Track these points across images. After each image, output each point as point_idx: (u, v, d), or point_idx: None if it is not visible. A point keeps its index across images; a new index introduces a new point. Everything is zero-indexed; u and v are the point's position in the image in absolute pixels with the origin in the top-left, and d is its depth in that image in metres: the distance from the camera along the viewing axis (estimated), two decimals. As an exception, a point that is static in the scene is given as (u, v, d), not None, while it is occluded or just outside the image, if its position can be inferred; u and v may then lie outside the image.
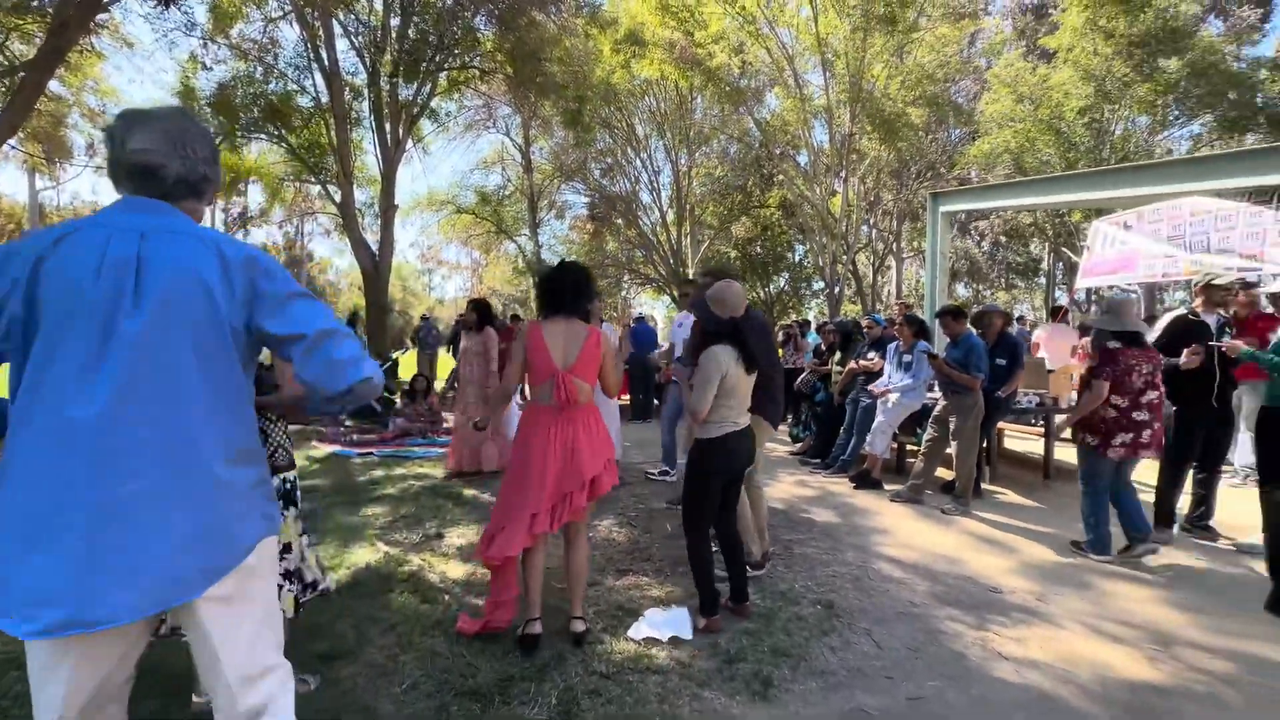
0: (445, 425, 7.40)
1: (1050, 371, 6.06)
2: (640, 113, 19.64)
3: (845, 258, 18.16)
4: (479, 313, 5.56)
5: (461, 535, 3.91)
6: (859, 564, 3.57)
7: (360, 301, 16.52)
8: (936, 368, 4.82)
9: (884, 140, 16.51)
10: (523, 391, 4.66)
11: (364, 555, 3.56)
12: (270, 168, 18.01)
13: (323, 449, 6.63)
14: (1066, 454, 5.91)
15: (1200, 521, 4.09)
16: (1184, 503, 4.15)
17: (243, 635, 1.20)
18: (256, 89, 13.36)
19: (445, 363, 11.75)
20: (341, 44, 12.60)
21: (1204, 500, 4.09)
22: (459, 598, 3.00)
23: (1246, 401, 5.00)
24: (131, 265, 1.09)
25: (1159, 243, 6.04)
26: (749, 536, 3.25)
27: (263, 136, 14.46)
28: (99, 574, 1.04)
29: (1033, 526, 4.30)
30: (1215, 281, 4.20)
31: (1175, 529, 4.04)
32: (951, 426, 4.71)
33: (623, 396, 11.38)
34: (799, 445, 6.94)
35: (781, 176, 19.56)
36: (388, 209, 13.32)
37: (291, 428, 2.26)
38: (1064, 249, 20.53)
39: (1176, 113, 16.81)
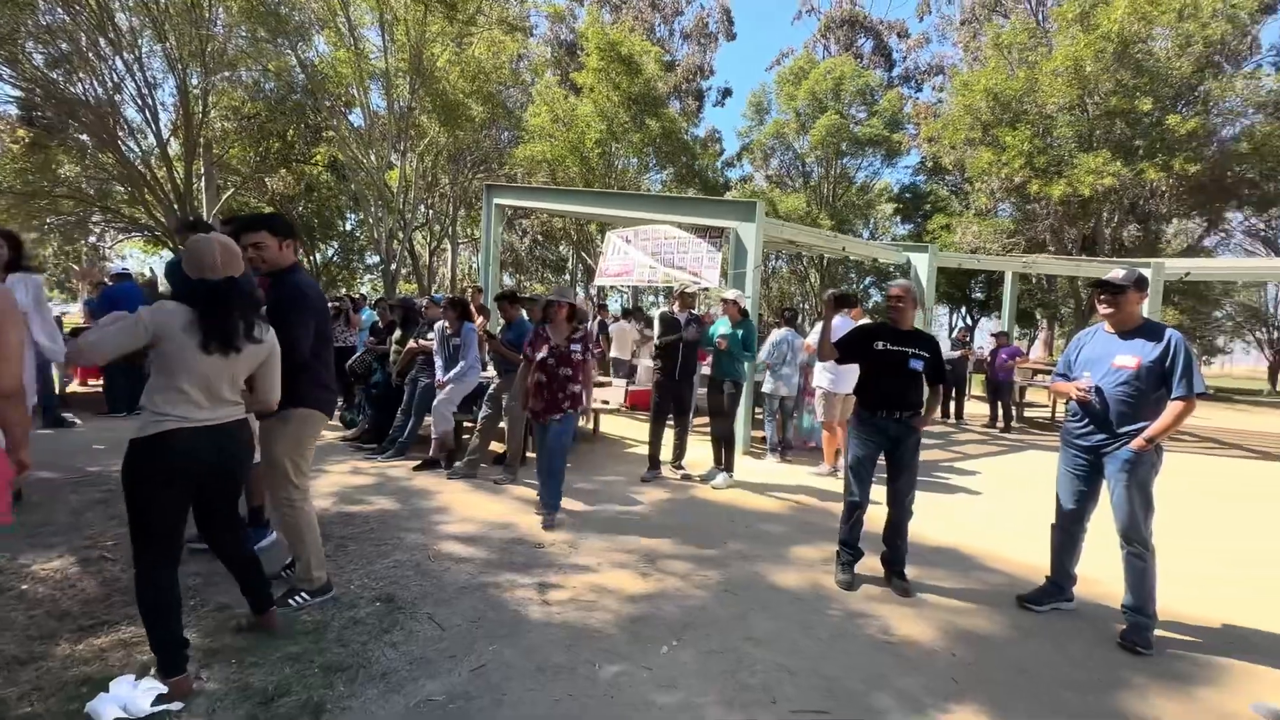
0: None
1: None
2: (123, -4, 14.35)
3: (402, 235, 17.64)
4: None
5: None
6: (420, 547, 3.51)
7: None
8: (494, 348, 5.15)
9: (444, 123, 16.67)
10: None
11: None
12: None
13: None
14: (585, 421, 7.22)
15: (677, 461, 5.60)
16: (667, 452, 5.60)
17: None
18: None
19: None
20: None
21: (678, 446, 5.60)
22: None
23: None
24: None
25: (647, 255, 7.93)
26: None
27: None
28: None
29: (565, 483, 5.07)
30: (687, 290, 5.74)
31: (662, 470, 5.43)
32: (504, 403, 5.13)
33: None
34: (353, 431, 6.39)
35: (332, 133, 17.53)
36: None
37: None
38: (583, 253, 25.02)
39: (653, 161, 22.47)
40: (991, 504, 5.23)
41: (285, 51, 15.88)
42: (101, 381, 7.40)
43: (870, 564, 3.47)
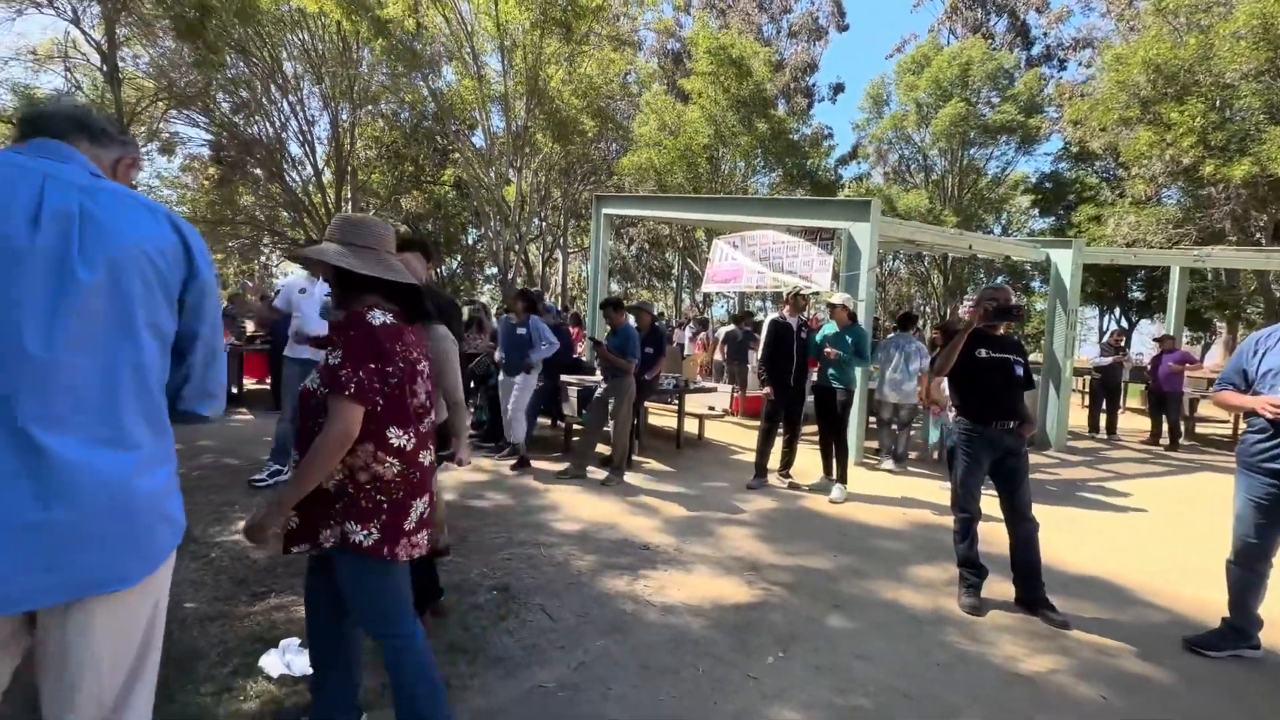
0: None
1: (685, 358, 7.32)
2: (290, 47, 16.54)
3: (518, 247, 18.68)
4: None
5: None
6: (532, 542, 3.70)
7: None
8: (600, 354, 5.32)
9: (557, 139, 17.48)
10: None
11: None
12: None
13: None
14: (692, 426, 7.23)
15: (784, 470, 5.47)
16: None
17: None
18: None
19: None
20: None
21: (787, 454, 5.47)
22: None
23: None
24: (74, 220, 1.00)
25: (755, 261, 7.83)
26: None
27: None
28: None
29: (670, 488, 5.11)
30: (801, 293, 5.60)
31: (768, 478, 5.32)
32: (610, 406, 5.28)
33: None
34: (478, 431, 6.86)
35: (457, 155, 18.98)
36: None
37: None
38: (689, 259, 25.10)
39: (762, 163, 22.09)
40: (1151, 530, 4.60)
41: (419, 83, 17.46)
42: (269, 380, 8.48)
43: (999, 588, 3.18)
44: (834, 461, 5.17)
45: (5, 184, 0.98)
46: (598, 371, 6.03)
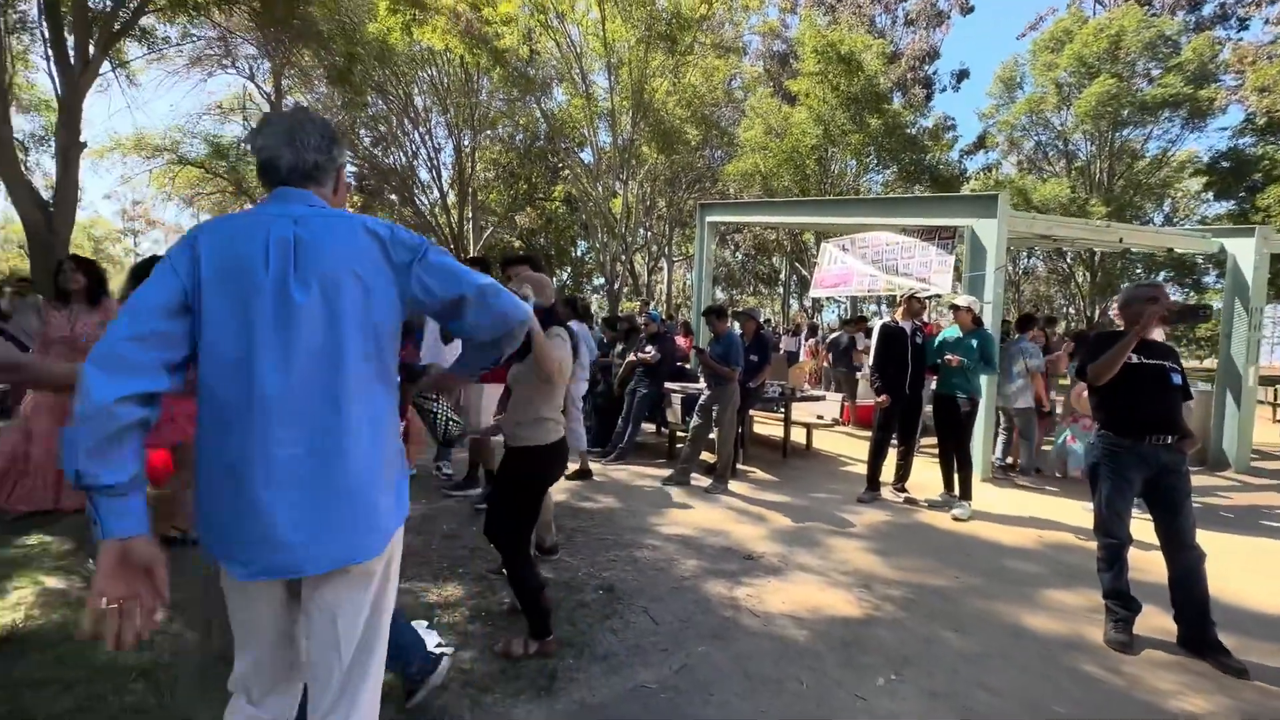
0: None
1: (790, 366, 7.14)
2: (420, 83, 18.22)
3: (624, 257, 19.16)
4: (91, 277, 3.82)
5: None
6: (636, 545, 3.78)
7: (23, 264, 12.46)
8: (702, 361, 5.33)
9: (661, 150, 17.78)
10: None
11: (27, 596, 2.70)
12: None
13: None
14: (799, 435, 7.03)
15: (899, 484, 5.18)
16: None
17: None
18: None
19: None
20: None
21: (903, 467, 5.19)
22: (176, 639, 2.44)
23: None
24: (290, 245, 1.18)
25: (867, 264, 7.49)
26: (542, 527, 3.24)
27: None
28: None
29: (776, 498, 5.01)
30: (917, 296, 5.28)
31: (880, 491, 5.07)
32: (714, 414, 5.26)
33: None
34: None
35: (567, 171, 19.86)
36: (70, 146, 10.24)
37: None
38: (797, 264, 24.40)
39: (875, 161, 21.04)
40: (1367, 571, 3.83)
41: (531, 106, 18.52)
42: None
43: (1155, 622, 2.81)
44: (955, 476, 4.81)
45: (249, 233, 1.18)
46: (701, 379, 6.05)
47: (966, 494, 4.72)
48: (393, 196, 20.15)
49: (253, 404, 1.13)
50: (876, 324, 5.52)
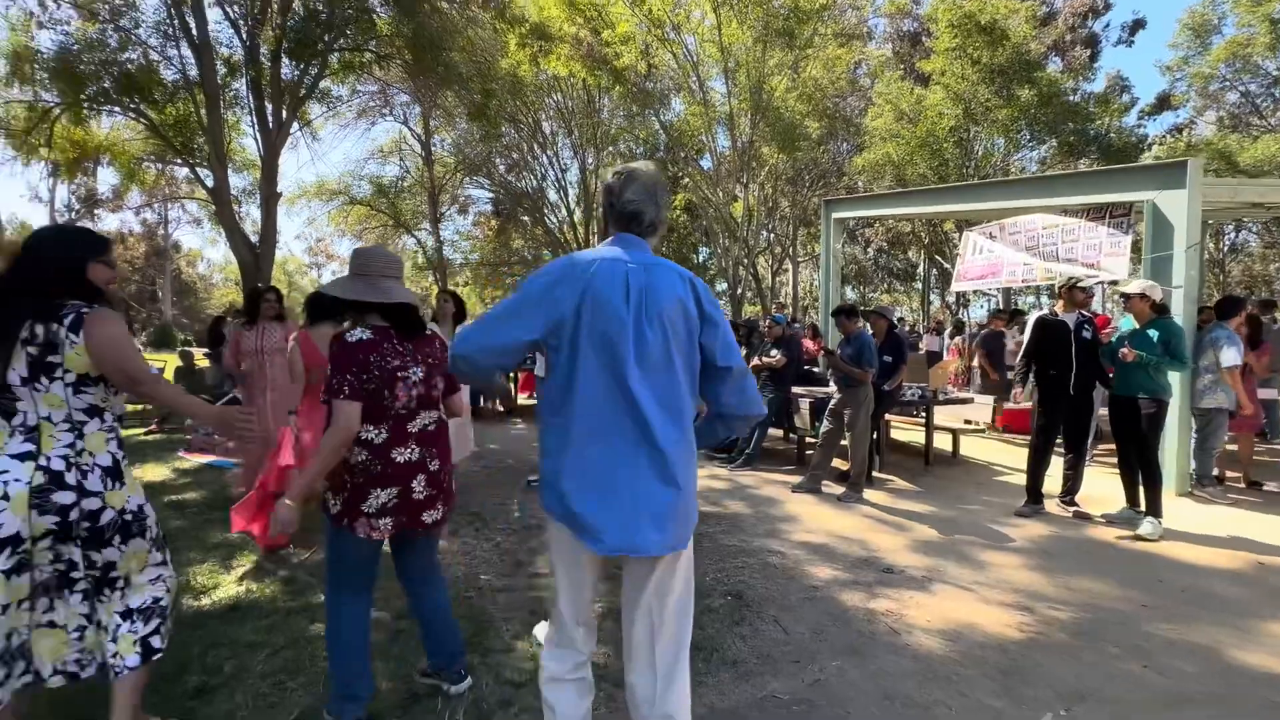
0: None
1: (931, 366, 6.62)
2: (547, 109, 19.40)
3: (746, 260, 18.88)
4: (280, 302, 4.44)
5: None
6: (765, 552, 3.70)
7: (237, 298, 15.08)
8: (832, 363, 5.11)
9: (782, 148, 17.34)
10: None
11: (246, 574, 3.24)
12: (125, 145, 15.97)
13: (192, 459, 5.97)
14: (943, 442, 6.49)
15: (1067, 497, 4.55)
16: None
17: None
18: (108, 55, 11.78)
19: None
20: (214, 13, 11.41)
21: (1071, 478, 4.55)
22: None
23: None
24: (644, 291, 1.46)
25: (1019, 251, 6.77)
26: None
27: (115, 110, 12.77)
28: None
29: (918, 508, 4.66)
30: (1079, 285, 4.66)
31: (1044, 504, 4.53)
32: (846, 419, 5.01)
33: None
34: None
35: (686, 179, 20.02)
36: (270, 196, 12.22)
37: (156, 435, 2.01)
38: (937, 256, 22.53)
39: (1027, 136, 18.91)
40: None
41: (650, 118, 18.95)
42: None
43: None
44: (1140, 490, 4.17)
45: (612, 276, 1.46)
46: (830, 383, 5.80)
47: (1155, 509, 4.07)
48: (525, 218, 21.58)
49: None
50: (1032, 316, 4.96)
